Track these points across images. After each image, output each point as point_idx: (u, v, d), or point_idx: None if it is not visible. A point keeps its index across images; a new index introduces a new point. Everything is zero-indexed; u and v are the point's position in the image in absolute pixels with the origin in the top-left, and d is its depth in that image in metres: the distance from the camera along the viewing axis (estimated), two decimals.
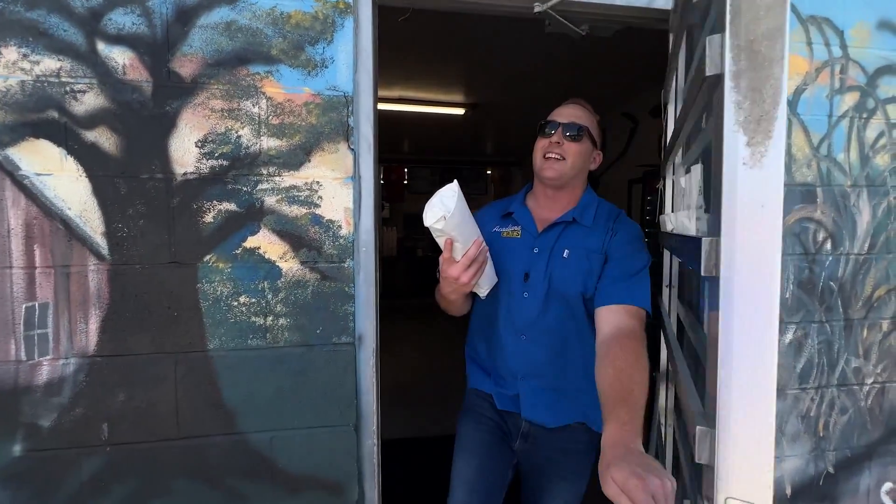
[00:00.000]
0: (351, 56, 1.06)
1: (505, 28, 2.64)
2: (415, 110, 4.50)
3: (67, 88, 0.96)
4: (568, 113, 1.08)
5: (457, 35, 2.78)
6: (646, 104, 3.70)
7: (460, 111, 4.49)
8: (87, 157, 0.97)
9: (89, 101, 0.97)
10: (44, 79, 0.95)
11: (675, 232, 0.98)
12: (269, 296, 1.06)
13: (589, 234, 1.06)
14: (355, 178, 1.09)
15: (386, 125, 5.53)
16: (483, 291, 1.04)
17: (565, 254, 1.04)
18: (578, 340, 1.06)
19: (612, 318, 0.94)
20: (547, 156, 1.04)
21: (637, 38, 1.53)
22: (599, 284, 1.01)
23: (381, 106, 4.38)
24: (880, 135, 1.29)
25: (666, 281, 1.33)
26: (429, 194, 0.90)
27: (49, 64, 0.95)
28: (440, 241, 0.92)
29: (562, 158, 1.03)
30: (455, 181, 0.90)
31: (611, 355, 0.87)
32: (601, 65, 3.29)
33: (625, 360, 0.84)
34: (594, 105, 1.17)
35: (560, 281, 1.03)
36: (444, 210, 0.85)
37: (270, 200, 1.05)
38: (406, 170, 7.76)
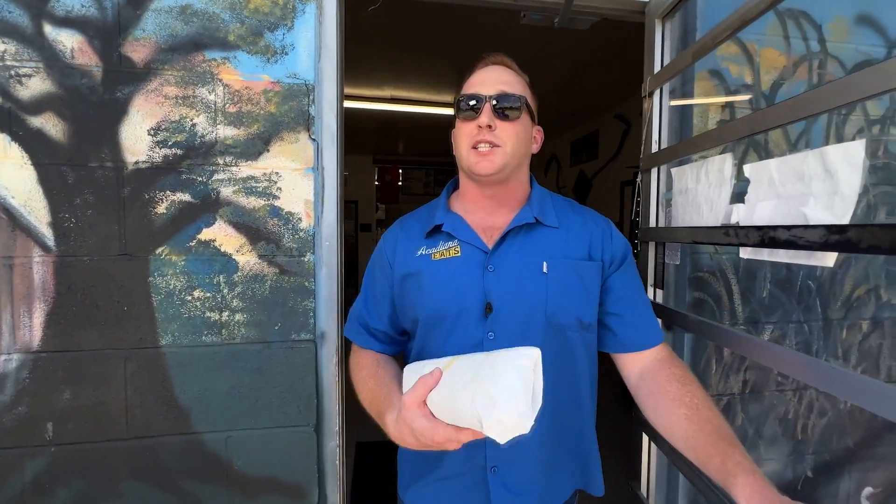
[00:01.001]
0: (312, 43, 1.03)
1: (494, 27, 2.61)
2: (407, 110, 4.48)
3: (12, 72, 0.92)
4: (493, 79, 0.75)
5: (447, 34, 2.76)
6: (638, 106, 3.69)
7: (453, 111, 4.47)
8: (33, 143, 0.94)
9: (35, 85, 0.93)
10: None
11: (786, 224, 0.71)
12: (225, 290, 1.02)
13: (564, 238, 0.78)
14: (317, 169, 1.06)
15: (380, 126, 5.51)
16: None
17: (544, 268, 0.74)
18: (576, 389, 0.78)
19: (643, 356, 0.77)
20: (477, 146, 0.73)
21: (629, 40, 1.51)
22: (617, 324, 0.78)
23: (374, 106, 4.37)
24: (859, 131, 1.27)
25: (652, 280, 1.29)
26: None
27: None
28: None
29: (496, 145, 0.73)
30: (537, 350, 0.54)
31: (670, 394, 0.69)
32: (594, 66, 3.27)
33: (690, 391, 0.68)
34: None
35: (551, 306, 0.73)
36: (532, 406, 0.50)
37: (227, 191, 1.01)
38: (401, 171, 7.74)
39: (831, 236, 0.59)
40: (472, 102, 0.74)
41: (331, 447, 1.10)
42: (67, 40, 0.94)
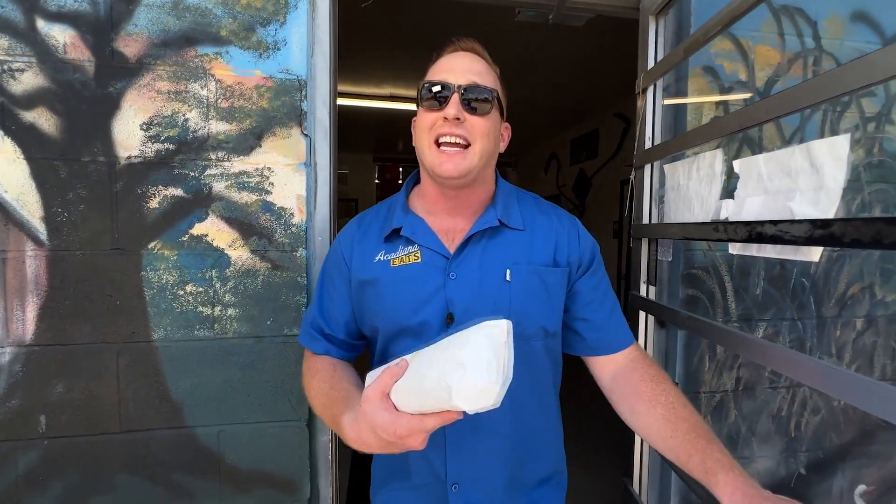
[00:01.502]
0: (305, 39, 1.03)
1: (492, 25, 2.61)
2: (407, 108, 4.47)
3: (5, 67, 0.92)
4: (464, 67, 0.68)
5: (444, 31, 2.75)
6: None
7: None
8: (26, 138, 0.94)
9: (28, 80, 0.93)
10: None
11: (763, 220, 0.73)
12: (217, 285, 1.02)
13: (529, 242, 0.73)
14: (309, 164, 1.06)
15: (380, 124, 5.51)
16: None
17: (507, 275, 0.70)
18: (540, 398, 0.75)
19: (614, 358, 0.75)
20: (442, 141, 0.66)
21: (629, 37, 1.49)
22: (585, 328, 0.75)
23: (373, 104, 4.37)
24: (854, 128, 1.26)
25: (645, 277, 1.29)
26: None
27: None
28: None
29: (465, 145, 0.67)
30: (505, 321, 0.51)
31: (645, 395, 0.68)
32: (594, 64, 3.27)
33: (665, 391, 0.68)
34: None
35: (514, 316, 0.68)
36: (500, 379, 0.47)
37: (219, 186, 1.01)
38: (401, 169, 7.74)
39: (815, 231, 0.59)
40: (438, 90, 0.67)
41: (323, 442, 1.11)
42: (60, 35, 0.94)
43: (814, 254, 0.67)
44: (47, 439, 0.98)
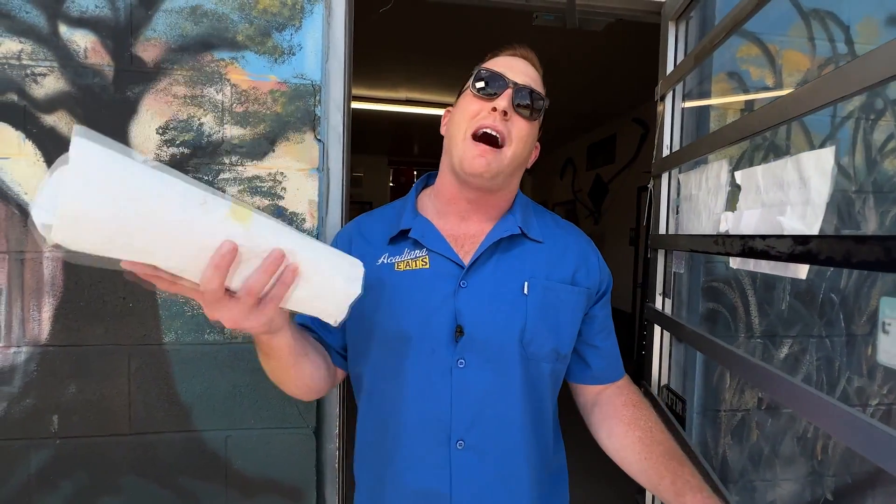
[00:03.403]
0: (320, 44, 1.03)
1: (510, 28, 2.59)
2: (422, 112, 4.49)
3: (28, 71, 0.94)
4: (521, 70, 0.66)
5: (460, 35, 2.75)
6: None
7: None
8: (46, 141, 0.95)
9: (49, 84, 0.95)
10: (4, 61, 0.93)
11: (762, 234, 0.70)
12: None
13: (548, 256, 0.69)
14: (322, 170, 1.05)
15: (394, 127, 5.53)
16: (327, 312, 0.52)
17: (525, 288, 0.65)
18: (538, 427, 0.68)
19: (606, 386, 0.74)
20: (481, 133, 0.62)
21: (648, 42, 1.45)
22: (593, 356, 0.72)
23: (388, 108, 4.40)
24: (889, 137, 1.20)
25: (661, 289, 1.25)
26: None
27: (10, 46, 0.93)
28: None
29: (500, 146, 0.63)
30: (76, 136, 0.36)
31: (625, 418, 0.68)
32: (612, 69, 3.22)
33: (645, 415, 0.68)
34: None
35: (529, 333, 0.64)
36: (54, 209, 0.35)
37: (232, 191, 1.01)
38: (415, 172, 7.76)
39: (796, 247, 0.56)
40: (495, 80, 0.63)
41: (330, 450, 1.09)
42: (81, 40, 0.95)
43: (801, 271, 0.63)
44: (59, 439, 0.99)
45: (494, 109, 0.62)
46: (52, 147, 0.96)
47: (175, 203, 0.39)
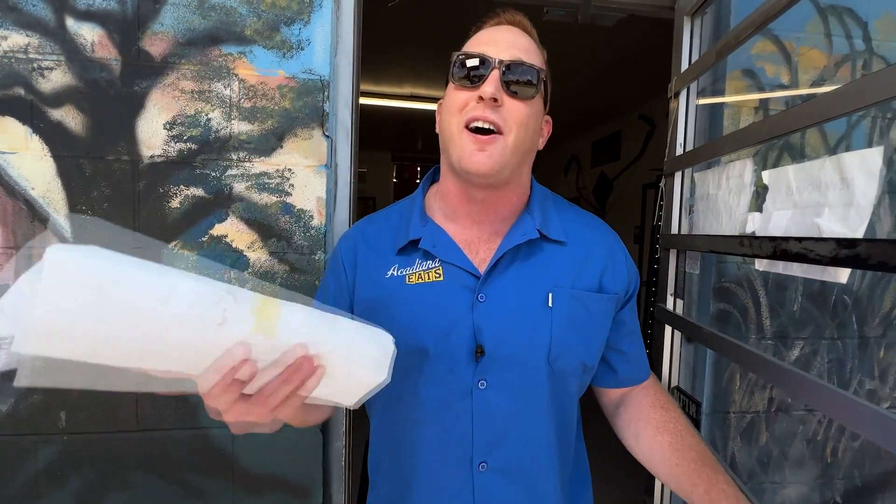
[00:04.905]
0: (329, 38, 1.01)
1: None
2: (427, 108, 4.46)
3: (35, 65, 0.93)
4: (508, 41, 0.57)
5: (468, 30, 2.72)
6: (664, 106, 3.58)
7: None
8: (53, 136, 0.95)
9: (56, 78, 0.94)
10: (11, 55, 0.92)
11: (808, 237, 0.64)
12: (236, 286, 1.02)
13: (572, 259, 0.62)
14: (330, 166, 1.04)
15: (399, 123, 5.50)
16: (347, 399, 0.47)
17: (549, 300, 0.60)
18: (563, 441, 0.65)
19: (631, 387, 0.71)
20: (473, 126, 0.55)
21: (656, 38, 1.44)
22: (619, 361, 0.68)
23: (393, 103, 4.37)
24: None
25: (672, 289, 1.23)
26: None
27: (17, 40, 0.92)
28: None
29: (498, 133, 0.55)
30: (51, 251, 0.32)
31: (654, 421, 0.65)
32: (618, 65, 3.19)
33: (674, 418, 0.64)
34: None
35: (556, 350, 0.59)
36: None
37: (240, 187, 1.01)
38: (419, 168, 7.74)
39: (841, 251, 0.54)
40: (475, 64, 0.55)
41: (337, 448, 1.09)
42: (88, 34, 0.94)
43: (841, 275, 0.62)
44: (67, 435, 0.99)
45: (482, 98, 0.54)
46: (59, 142, 0.95)
47: (186, 322, 0.34)
